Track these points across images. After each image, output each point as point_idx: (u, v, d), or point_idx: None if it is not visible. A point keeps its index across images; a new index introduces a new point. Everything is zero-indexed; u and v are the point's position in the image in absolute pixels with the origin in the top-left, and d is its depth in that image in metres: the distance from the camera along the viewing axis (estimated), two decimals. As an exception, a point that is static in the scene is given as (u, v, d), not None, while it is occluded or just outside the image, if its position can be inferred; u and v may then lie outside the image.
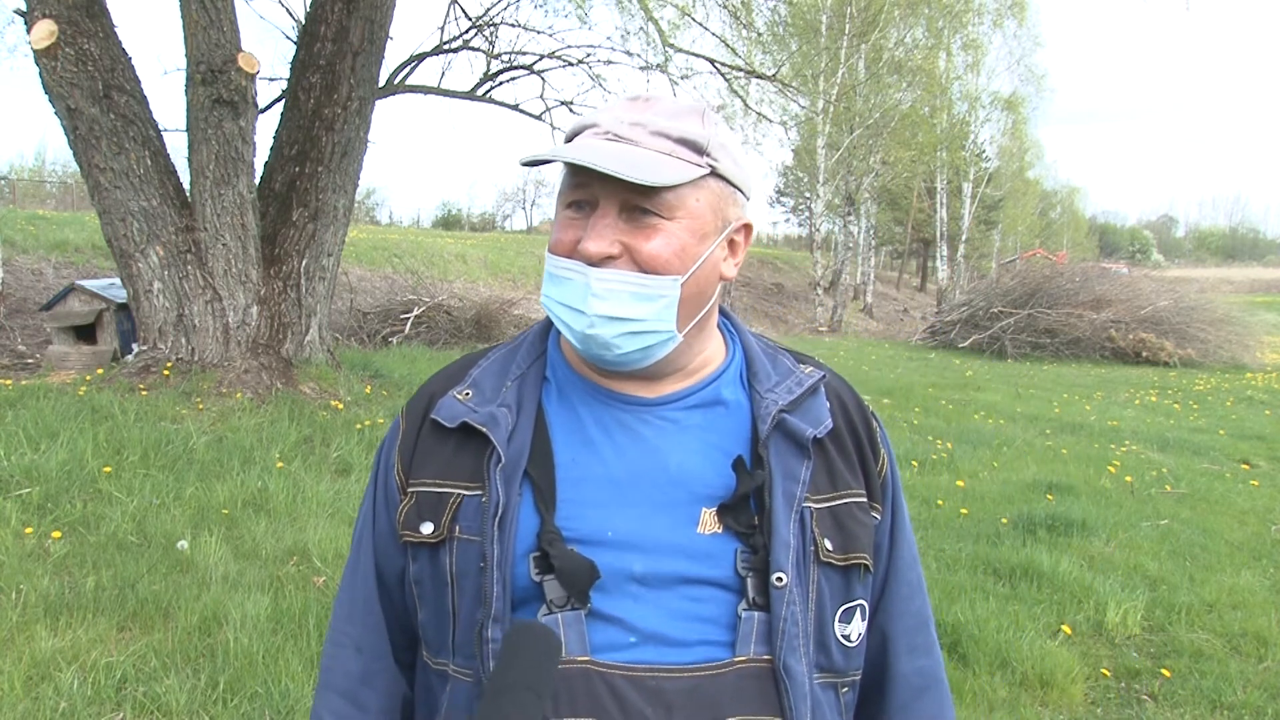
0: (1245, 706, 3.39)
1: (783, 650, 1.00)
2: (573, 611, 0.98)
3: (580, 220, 1.02)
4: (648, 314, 1.01)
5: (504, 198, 68.40)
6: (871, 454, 1.13)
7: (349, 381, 7.71)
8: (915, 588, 1.17)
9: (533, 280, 22.22)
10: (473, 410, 1.07)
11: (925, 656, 1.17)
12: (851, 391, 1.17)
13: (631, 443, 1.05)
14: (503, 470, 1.02)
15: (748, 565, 1.01)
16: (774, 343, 1.19)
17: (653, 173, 0.97)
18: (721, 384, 1.10)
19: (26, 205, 25.35)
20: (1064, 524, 5.37)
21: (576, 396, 1.09)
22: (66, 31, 6.42)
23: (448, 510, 1.04)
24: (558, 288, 1.03)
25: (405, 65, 11.81)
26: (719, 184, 1.04)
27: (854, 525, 1.07)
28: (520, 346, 1.15)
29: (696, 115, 1.04)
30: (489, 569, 0.99)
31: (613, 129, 1.02)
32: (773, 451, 1.04)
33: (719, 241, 1.05)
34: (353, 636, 1.14)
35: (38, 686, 2.97)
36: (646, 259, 1.00)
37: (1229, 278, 57.36)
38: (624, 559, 1.00)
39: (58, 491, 4.68)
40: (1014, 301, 20.23)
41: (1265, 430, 9.87)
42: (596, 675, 0.97)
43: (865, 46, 25.82)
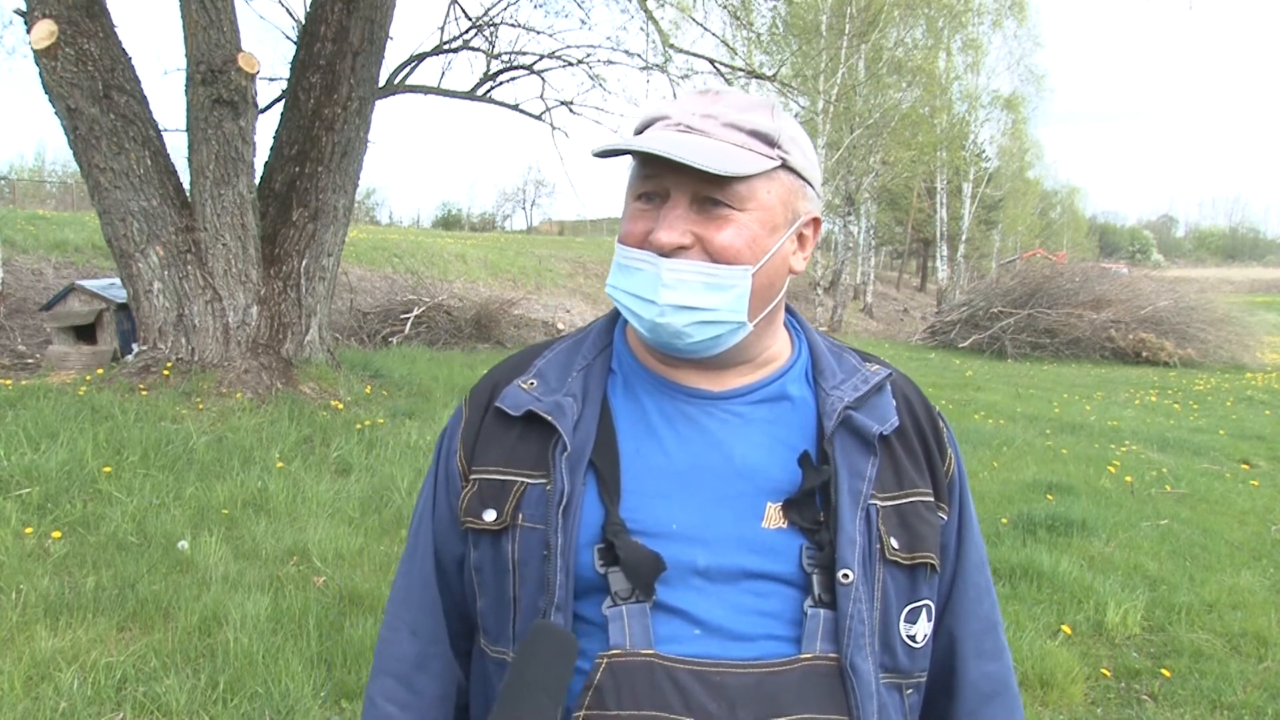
0: (1245, 706, 3.39)
1: (849, 649, 0.99)
2: (637, 604, 0.98)
3: (651, 211, 1.02)
4: (719, 303, 1.01)
5: (504, 198, 68.42)
6: (939, 453, 1.12)
7: (349, 381, 7.72)
8: (984, 590, 1.16)
9: (532, 280, 22.22)
10: (538, 399, 1.07)
11: (994, 661, 1.15)
12: (918, 391, 1.17)
13: (696, 435, 1.05)
14: (568, 459, 1.02)
15: (813, 562, 1.00)
16: (839, 341, 1.19)
17: (727, 163, 0.97)
18: (787, 380, 1.10)
19: (26, 205, 25.34)
20: (1064, 524, 5.37)
21: (641, 388, 1.09)
22: (66, 31, 6.42)
23: (511, 498, 1.04)
24: (627, 278, 1.03)
25: (405, 65, 11.81)
26: (789, 177, 1.04)
27: (920, 524, 1.06)
28: (586, 338, 1.15)
29: (766, 109, 1.05)
30: (553, 557, 0.99)
31: (684, 121, 1.02)
32: (839, 448, 1.04)
33: (789, 234, 1.05)
34: (408, 621, 1.14)
35: (38, 686, 2.97)
36: (718, 249, 1.00)
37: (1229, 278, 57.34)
38: (688, 552, 0.99)
39: (58, 491, 4.68)
40: (1014, 301, 20.23)
41: (1265, 430, 9.87)
42: (660, 668, 0.96)
43: (865, 46, 25.81)
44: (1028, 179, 46.28)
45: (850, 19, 25.01)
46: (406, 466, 5.64)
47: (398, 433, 6.46)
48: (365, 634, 3.44)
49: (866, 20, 25.30)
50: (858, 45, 25.53)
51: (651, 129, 1.04)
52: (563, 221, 56.28)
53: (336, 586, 3.89)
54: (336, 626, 3.54)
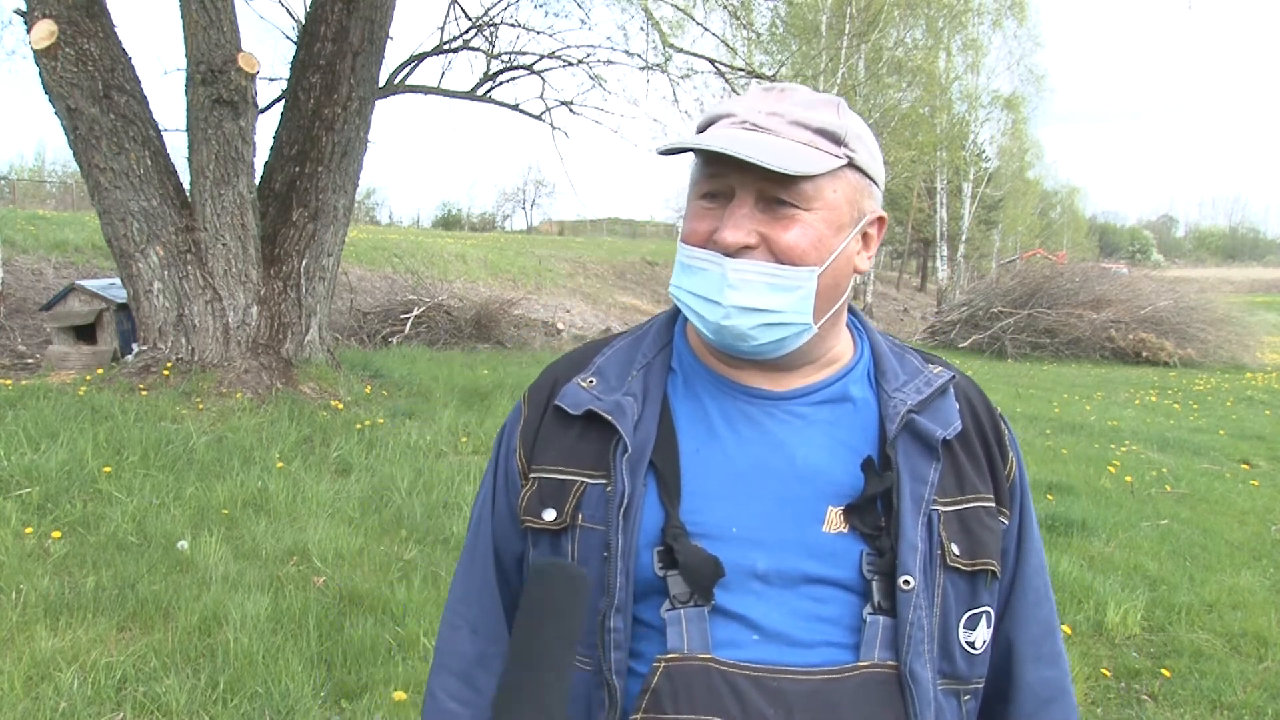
0: (1245, 706, 3.39)
1: (909, 656, 0.98)
2: (696, 608, 0.97)
3: (715, 210, 1.01)
4: (784, 305, 1.00)
5: (504, 198, 68.32)
6: (1000, 457, 1.11)
7: (349, 381, 7.72)
8: (1043, 595, 1.15)
9: (532, 280, 22.22)
10: (598, 398, 1.06)
11: (1052, 666, 1.14)
12: (980, 393, 1.15)
13: (757, 436, 1.04)
14: (629, 460, 1.01)
15: (873, 568, 0.99)
16: (901, 342, 1.18)
17: (794, 162, 0.96)
18: (849, 381, 1.09)
19: (26, 205, 25.34)
20: (1064, 524, 5.37)
21: (702, 388, 1.08)
22: (66, 31, 6.42)
23: (571, 497, 1.04)
24: (691, 278, 1.02)
25: (405, 65, 11.81)
26: (855, 175, 1.03)
27: (981, 530, 1.05)
28: (646, 335, 1.14)
29: (832, 106, 1.03)
30: (613, 559, 0.99)
31: (750, 118, 1.01)
32: (901, 452, 1.02)
33: (854, 234, 1.04)
34: (469, 618, 1.14)
35: (38, 686, 2.97)
36: (784, 249, 0.99)
37: (1229, 278, 57.33)
38: (747, 555, 0.98)
39: (58, 491, 4.68)
40: (1014, 301, 20.24)
41: (1265, 430, 9.87)
42: (717, 673, 0.96)
43: (865, 46, 25.82)
44: (1028, 179, 46.28)
45: (850, 19, 25.01)
46: (406, 466, 5.64)
47: (398, 433, 6.45)
48: (365, 634, 3.44)
49: (866, 20, 25.31)
50: (858, 45, 25.54)
51: (716, 127, 1.02)
52: (563, 221, 56.27)
53: (336, 586, 3.89)
54: (336, 626, 3.54)
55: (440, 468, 5.75)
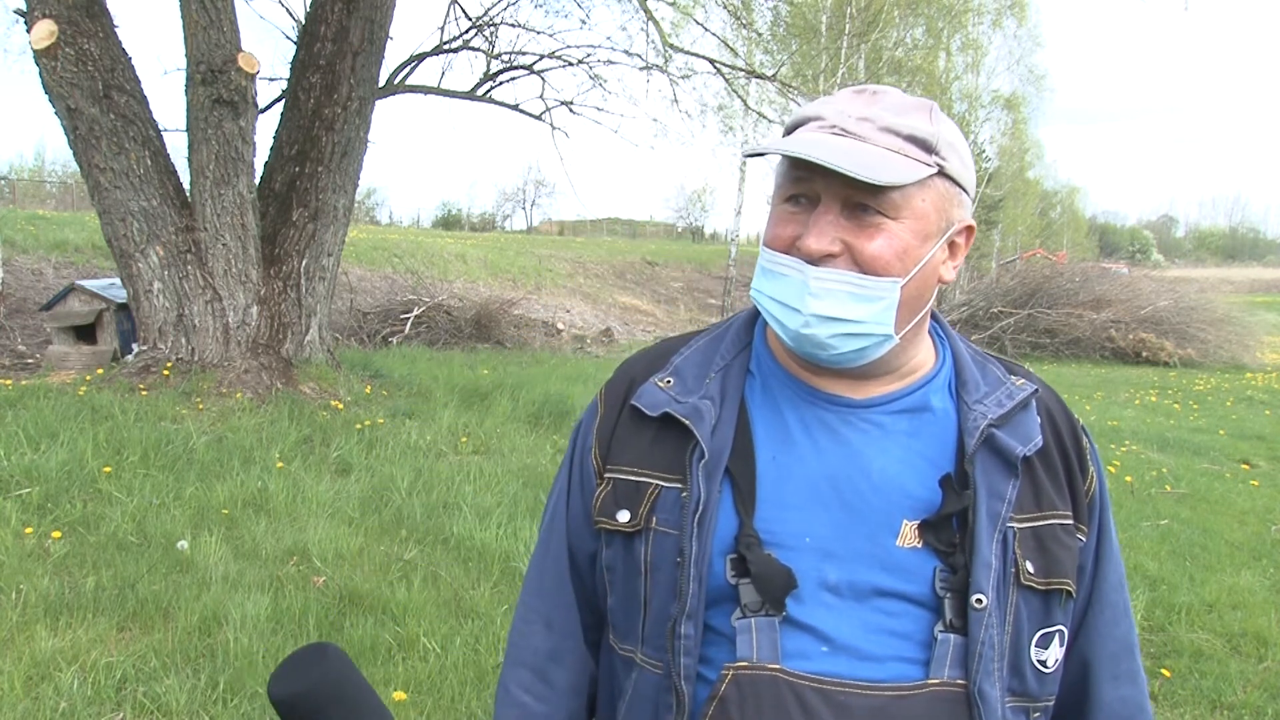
0: (1245, 706, 3.39)
1: (978, 674, 0.96)
2: (767, 618, 0.97)
3: (800, 215, 0.99)
4: (866, 315, 0.98)
5: (504, 198, 68.25)
6: (1080, 472, 1.08)
7: (349, 381, 7.72)
8: (1121, 612, 1.13)
9: (532, 280, 22.22)
10: (675, 400, 1.05)
11: (1130, 685, 1.11)
12: (1062, 406, 1.12)
13: (834, 444, 1.02)
14: (705, 466, 1.00)
15: (946, 585, 0.97)
16: (984, 351, 1.15)
17: (883, 171, 0.94)
18: (930, 390, 1.06)
19: (26, 205, 25.35)
20: (1064, 524, 5.36)
21: (780, 392, 1.06)
22: (66, 31, 6.42)
23: (645, 500, 1.03)
24: (772, 283, 1.00)
25: (405, 65, 11.81)
26: (945, 184, 1.00)
27: (1057, 548, 1.03)
28: (725, 336, 1.12)
29: (925, 111, 1.01)
30: (686, 565, 0.98)
31: (839, 123, 0.98)
32: (979, 468, 1.00)
33: (941, 243, 1.01)
34: (542, 613, 1.14)
35: (38, 686, 2.97)
36: (868, 260, 0.96)
37: (1229, 278, 57.30)
38: (820, 566, 0.98)
39: (58, 491, 4.68)
40: (1014, 301, 20.24)
41: (1265, 430, 9.87)
42: (785, 684, 0.95)
43: (865, 46, 25.82)
44: (1028, 179, 46.25)
45: (850, 19, 25.02)
46: (406, 466, 5.64)
47: (398, 433, 6.46)
48: (365, 634, 3.44)
49: (866, 20, 25.31)
50: (858, 45, 25.54)
51: (803, 129, 1.00)
52: (563, 221, 56.27)
53: (336, 586, 3.89)
54: (336, 626, 3.54)
55: (440, 468, 5.75)
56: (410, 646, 3.39)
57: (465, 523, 4.71)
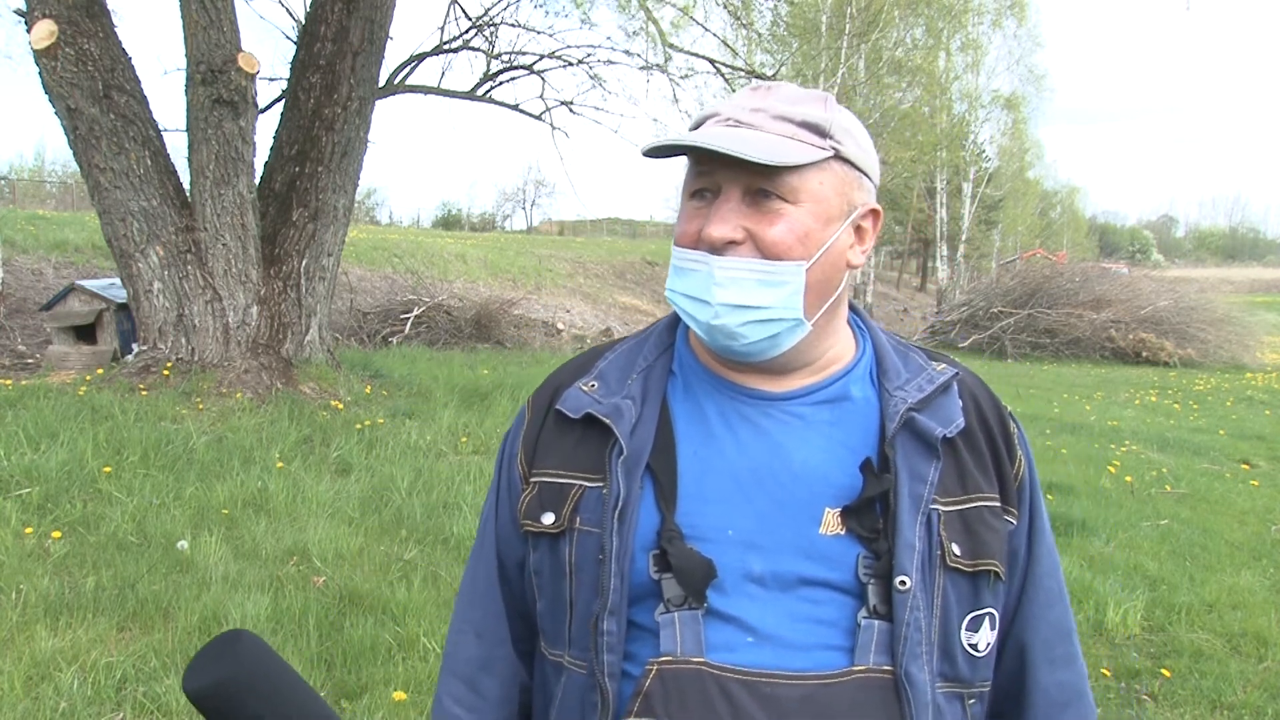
0: (1245, 706, 3.39)
1: (904, 658, 0.97)
2: (689, 611, 0.97)
3: (704, 209, 1.01)
4: (773, 301, 0.99)
5: (504, 198, 68.33)
6: (1008, 456, 1.08)
7: (349, 381, 7.72)
8: (1055, 596, 1.13)
9: (532, 280, 22.22)
10: (597, 401, 1.06)
11: (1066, 669, 1.12)
12: (988, 391, 1.13)
13: (755, 438, 1.03)
14: (624, 462, 1.01)
15: (870, 571, 0.98)
16: (906, 340, 1.16)
17: (774, 153, 0.96)
18: (850, 380, 1.07)
19: (26, 205, 25.35)
20: (1064, 524, 5.36)
21: (702, 390, 1.07)
22: (66, 31, 6.42)
23: (569, 501, 1.04)
24: (682, 280, 1.02)
25: (405, 65, 11.81)
26: (843, 168, 1.02)
27: (984, 530, 1.03)
28: (648, 339, 1.13)
29: (819, 100, 1.03)
30: (607, 562, 0.98)
31: (734, 115, 1.01)
32: (900, 451, 1.01)
33: (845, 227, 1.03)
34: (473, 623, 1.15)
35: (38, 686, 2.97)
36: (769, 244, 0.98)
37: (1229, 278, 57.34)
38: (743, 558, 0.98)
39: (58, 491, 4.68)
40: (1014, 301, 20.25)
41: (1265, 430, 9.88)
42: (710, 677, 0.95)
43: (865, 46, 25.82)
44: (1028, 179, 46.27)
45: (850, 19, 25.02)
46: (406, 466, 5.64)
47: (398, 433, 6.45)
48: (365, 634, 3.44)
49: (866, 20, 25.31)
50: (858, 45, 25.54)
51: (703, 126, 1.03)
52: (563, 221, 56.27)
53: (336, 586, 3.89)
54: (336, 626, 3.54)
55: (440, 468, 5.75)
56: (410, 646, 3.39)
57: (465, 523, 4.71)
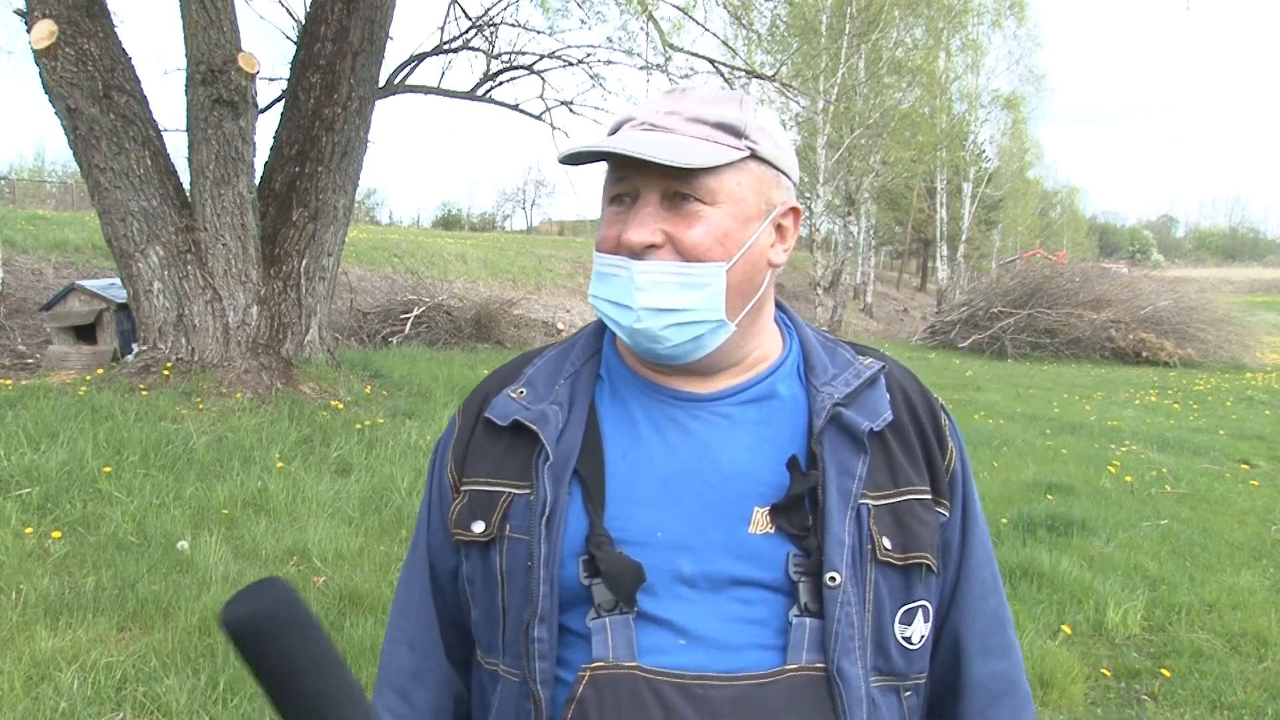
0: (1245, 706, 3.39)
1: (836, 653, 0.96)
2: (621, 616, 0.97)
3: (623, 214, 1.01)
4: (694, 303, 0.99)
5: (504, 198, 68.40)
6: (938, 447, 1.08)
7: (349, 381, 7.72)
8: (989, 587, 1.12)
9: (532, 280, 22.21)
10: (524, 408, 1.05)
11: (1001, 659, 1.11)
12: (917, 383, 1.13)
13: (683, 439, 1.02)
14: (551, 469, 1.00)
15: (800, 569, 0.97)
16: (834, 336, 1.16)
17: (688, 155, 0.96)
18: (777, 378, 1.07)
19: (26, 205, 25.34)
20: (1064, 524, 5.37)
21: (629, 393, 1.07)
22: (66, 31, 6.42)
23: (498, 509, 1.03)
24: (604, 285, 1.02)
25: (405, 65, 11.81)
26: (761, 167, 1.02)
27: (915, 523, 1.03)
28: (575, 344, 1.13)
29: (735, 101, 1.03)
30: (535, 568, 0.98)
31: (649, 119, 1.01)
32: (827, 447, 1.01)
33: (764, 226, 1.02)
34: (406, 633, 1.14)
35: (38, 686, 2.97)
36: (689, 247, 0.98)
37: (1229, 278, 57.35)
38: (673, 560, 0.98)
39: (58, 491, 4.68)
40: (1014, 301, 20.24)
41: (1265, 430, 9.87)
42: (643, 681, 0.95)
43: (865, 46, 25.81)
44: (1028, 179, 46.27)
45: (850, 19, 25.00)
46: (406, 466, 5.64)
47: (398, 433, 6.46)
48: (365, 634, 3.44)
49: (866, 20, 25.29)
50: (858, 45, 25.53)
51: (620, 131, 1.03)
52: (563, 221, 56.26)
53: (336, 586, 3.89)
54: (336, 626, 3.54)
55: (440, 468, 5.74)
56: (410, 646, 3.39)
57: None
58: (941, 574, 1.08)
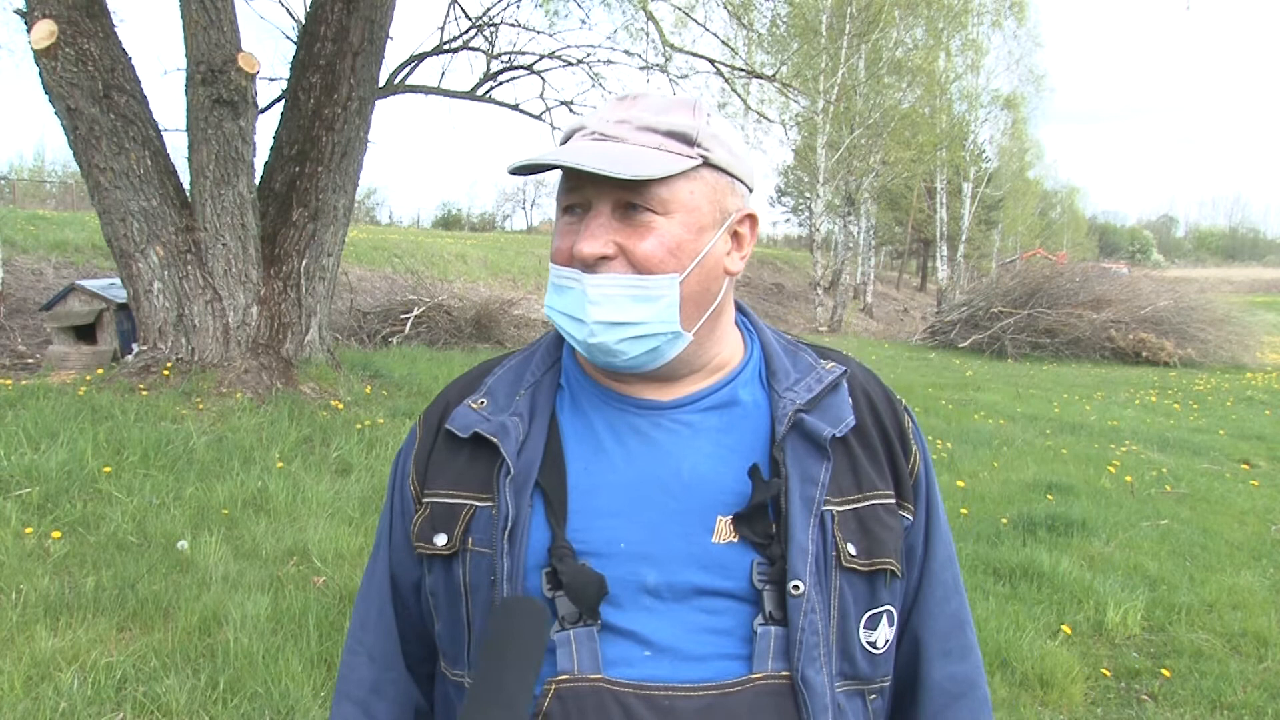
0: (1245, 706, 3.39)
1: (801, 662, 0.96)
2: (584, 628, 0.96)
3: (576, 225, 0.99)
4: (648, 316, 0.97)
5: (504, 198, 68.42)
6: (902, 451, 1.08)
7: (349, 381, 7.72)
8: (951, 589, 1.12)
9: (532, 280, 22.22)
10: (485, 419, 1.04)
11: (960, 661, 1.11)
12: (880, 385, 1.12)
13: (644, 448, 1.01)
14: (512, 481, 0.99)
15: (764, 578, 0.97)
16: (796, 339, 1.14)
17: (637, 166, 0.94)
18: (739, 384, 1.06)
19: (26, 205, 25.34)
20: (1064, 524, 5.37)
21: (589, 403, 1.06)
22: (66, 31, 6.42)
23: (460, 522, 1.02)
24: (560, 297, 1.00)
25: (405, 65, 11.81)
26: (714, 175, 1.00)
27: (879, 529, 1.02)
28: (535, 354, 1.12)
29: (686, 108, 1.01)
30: (499, 582, 0.97)
31: (599, 129, 0.99)
32: (789, 454, 1.00)
33: (719, 235, 1.01)
34: (366, 645, 1.14)
35: (38, 686, 2.97)
36: (641, 259, 0.96)
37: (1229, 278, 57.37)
38: (636, 570, 0.97)
39: (58, 491, 4.68)
40: (1014, 301, 20.24)
41: (1265, 430, 9.87)
42: (608, 694, 0.94)
43: (865, 46, 25.82)
44: (1028, 179, 46.30)
45: (850, 19, 25.01)
46: (406, 466, 5.63)
47: (398, 433, 6.45)
48: (365, 634, 3.44)
49: (866, 20, 25.30)
50: (858, 45, 25.54)
51: (571, 140, 1.01)
52: (563, 221, 56.15)
53: (336, 586, 3.89)
54: (336, 626, 3.54)
55: (440, 468, 5.74)
56: (410, 646, 3.39)
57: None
58: (905, 578, 1.07)
